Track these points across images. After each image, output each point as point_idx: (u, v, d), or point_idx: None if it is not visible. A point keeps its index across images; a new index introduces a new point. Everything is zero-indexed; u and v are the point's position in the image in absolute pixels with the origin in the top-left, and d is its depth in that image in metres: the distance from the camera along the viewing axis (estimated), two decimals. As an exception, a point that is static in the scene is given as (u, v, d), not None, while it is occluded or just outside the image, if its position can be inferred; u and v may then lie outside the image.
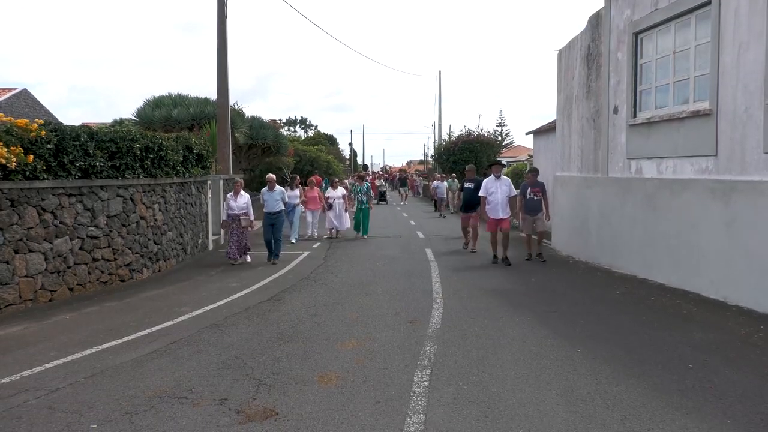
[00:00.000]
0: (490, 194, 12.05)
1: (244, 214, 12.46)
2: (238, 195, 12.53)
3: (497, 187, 12.00)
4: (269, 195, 12.97)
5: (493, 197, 11.98)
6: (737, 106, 8.08)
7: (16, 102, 27.77)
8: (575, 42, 13.64)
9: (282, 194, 13.03)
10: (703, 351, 5.98)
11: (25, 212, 8.46)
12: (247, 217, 12.50)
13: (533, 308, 7.96)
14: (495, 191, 11.98)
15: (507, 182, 12.17)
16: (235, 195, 12.56)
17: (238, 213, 12.43)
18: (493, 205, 11.98)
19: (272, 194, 12.94)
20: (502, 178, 12.18)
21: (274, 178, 13.34)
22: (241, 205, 12.51)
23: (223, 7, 17.25)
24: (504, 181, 12.13)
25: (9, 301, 8.22)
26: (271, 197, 12.92)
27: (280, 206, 12.91)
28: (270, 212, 12.84)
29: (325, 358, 5.86)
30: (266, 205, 12.91)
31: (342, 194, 17.39)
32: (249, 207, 12.56)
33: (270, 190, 13.03)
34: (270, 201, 12.88)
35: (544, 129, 20.68)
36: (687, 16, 9.22)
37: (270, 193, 12.99)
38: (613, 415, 4.43)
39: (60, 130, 9.12)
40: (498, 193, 11.95)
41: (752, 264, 7.72)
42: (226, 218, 12.78)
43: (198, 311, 8.07)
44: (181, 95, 24.74)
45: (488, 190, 12.08)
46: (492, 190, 12.03)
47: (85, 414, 4.56)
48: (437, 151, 38.88)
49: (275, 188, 13.02)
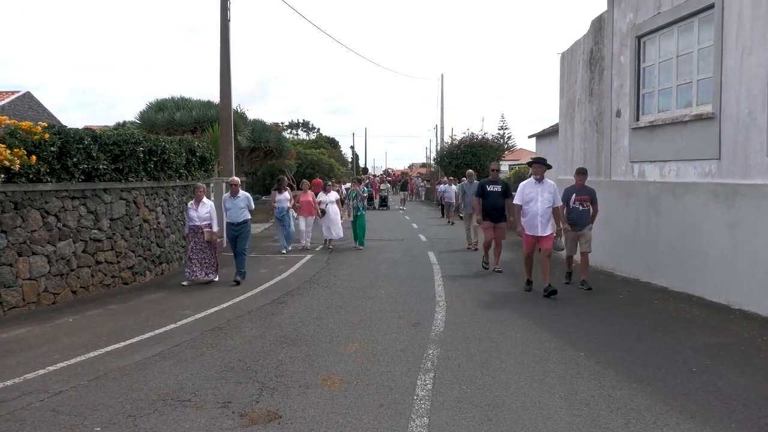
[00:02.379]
0: (528, 202, 9.17)
1: (208, 225, 10.51)
2: (200, 203, 10.55)
3: (538, 193, 9.08)
4: (232, 202, 10.92)
5: (532, 207, 9.10)
6: (740, 110, 8.07)
7: (20, 105, 27.83)
8: (578, 45, 13.65)
9: (247, 201, 11.02)
10: (706, 355, 5.97)
11: (28, 215, 8.47)
12: (211, 229, 10.51)
13: (536, 312, 7.95)
14: (535, 198, 9.08)
15: (552, 188, 9.21)
16: (196, 203, 10.57)
17: (201, 224, 10.52)
18: (531, 216, 9.14)
19: (235, 201, 10.90)
20: (545, 181, 9.21)
21: (239, 182, 11.33)
22: (204, 215, 10.51)
23: (225, 9, 17.27)
24: (548, 186, 9.18)
25: (12, 303, 8.23)
26: (234, 205, 10.88)
27: (245, 215, 10.88)
28: (233, 223, 10.85)
29: (328, 361, 5.86)
30: (228, 214, 10.92)
31: (335, 199, 15.74)
32: (213, 217, 10.56)
33: (232, 196, 10.97)
34: (233, 209, 10.86)
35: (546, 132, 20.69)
36: (690, 20, 9.22)
37: (233, 200, 10.93)
38: (616, 419, 4.42)
39: (63, 132, 9.14)
40: (539, 201, 9.05)
41: (755, 267, 7.71)
42: (188, 231, 10.76)
43: (201, 314, 8.07)
44: (184, 98, 24.74)
45: (526, 196, 9.19)
46: (531, 196, 9.13)
47: (88, 417, 4.56)
48: (439, 154, 38.85)
49: (239, 194, 10.99)
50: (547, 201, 9.06)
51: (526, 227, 9.20)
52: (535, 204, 9.09)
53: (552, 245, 9.09)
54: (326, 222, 15.46)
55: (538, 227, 9.06)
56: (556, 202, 9.22)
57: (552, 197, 9.12)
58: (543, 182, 9.16)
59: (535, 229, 9.07)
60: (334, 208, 15.54)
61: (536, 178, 9.18)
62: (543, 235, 9.06)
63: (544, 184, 9.15)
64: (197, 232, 10.49)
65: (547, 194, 9.10)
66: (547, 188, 9.13)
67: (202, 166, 13.98)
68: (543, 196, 9.07)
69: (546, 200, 9.05)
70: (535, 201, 9.08)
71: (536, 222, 9.06)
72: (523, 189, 9.30)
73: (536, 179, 9.17)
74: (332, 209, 15.51)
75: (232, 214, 10.86)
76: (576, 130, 13.74)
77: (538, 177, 9.17)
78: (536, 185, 9.14)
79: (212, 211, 10.57)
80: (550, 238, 9.09)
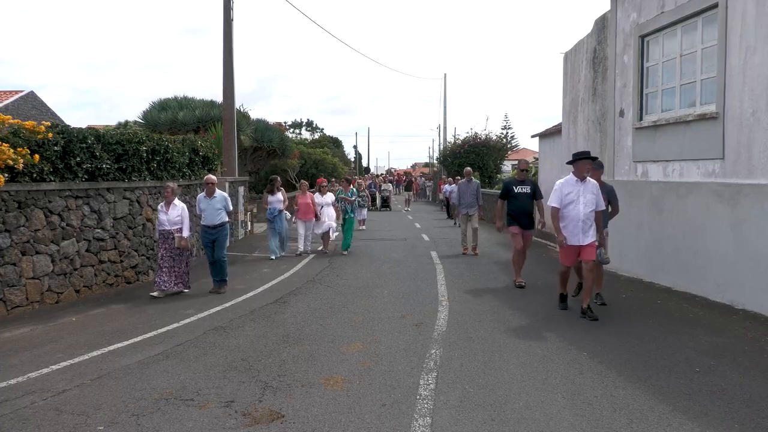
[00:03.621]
0: (568, 205, 7.70)
1: (179, 230, 9.47)
2: (170, 205, 9.45)
3: (580, 193, 7.67)
4: (207, 203, 9.81)
5: (572, 210, 7.65)
6: (744, 110, 8.06)
7: (23, 104, 27.91)
8: (581, 45, 13.64)
9: (225, 201, 9.90)
10: (709, 355, 5.96)
11: (32, 214, 8.50)
12: (182, 234, 9.50)
13: (539, 311, 7.94)
14: (575, 200, 7.65)
15: (594, 187, 7.76)
16: (166, 205, 9.48)
17: (171, 228, 9.47)
18: (571, 222, 7.66)
19: (211, 202, 9.80)
20: (588, 181, 7.77)
21: (215, 181, 10.03)
22: (174, 219, 9.43)
23: (229, 9, 17.30)
24: (590, 185, 7.73)
25: (16, 302, 8.25)
26: (209, 206, 9.79)
27: (222, 217, 9.83)
28: (209, 225, 9.81)
29: (331, 361, 5.86)
30: (204, 217, 9.88)
31: (331, 201, 14.64)
32: (185, 221, 9.50)
33: (208, 196, 9.84)
34: (209, 211, 9.79)
35: (549, 132, 20.65)
36: (693, 19, 9.20)
37: (208, 201, 9.82)
38: (619, 419, 4.41)
39: (67, 132, 9.16)
40: (580, 204, 7.63)
41: (759, 268, 7.69)
42: (158, 236, 9.77)
43: (204, 313, 8.08)
44: (187, 98, 24.80)
45: (565, 197, 7.72)
46: (571, 198, 7.68)
47: (91, 416, 4.57)
48: (442, 154, 38.81)
49: (215, 194, 9.87)
50: (591, 203, 7.65)
51: (566, 235, 7.72)
52: (576, 207, 7.64)
53: (595, 254, 7.71)
54: (318, 225, 14.43)
55: (580, 234, 7.63)
56: (599, 205, 7.77)
57: (595, 199, 7.71)
58: (587, 182, 7.74)
59: (576, 236, 7.64)
60: (330, 212, 14.51)
61: (579, 177, 7.70)
62: (585, 244, 7.64)
63: (588, 185, 7.73)
64: (167, 237, 9.46)
65: (590, 195, 7.68)
66: (589, 188, 7.71)
67: (206, 165, 14.01)
68: (585, 197, 7.65)
69: (589, 202, 7.65)
70: (576, 203, 7.64)
71: (577, 228, 7.63)
72: (561, 189, 7.76)
73: (579, 178, 7.71)
74: (328, 213, 14.48)
75: (207, 216, 9.80)
76: (579, 129, 13.72)
77: (583, 176, 7.70)
78: (577, 184, 7.70)
79: (184, 214, 9.50)
80: (592, 247, 7.67)
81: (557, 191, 7.79)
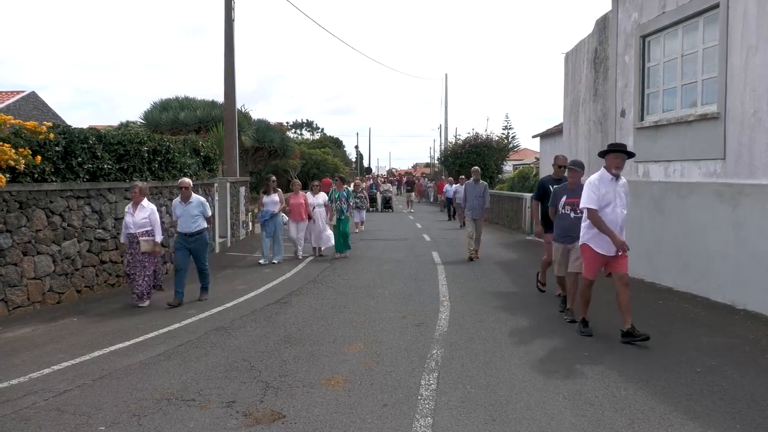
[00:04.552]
0: (605, 207, 6.45)
1: (146, 233, 8.76)
2: (137, 207, 8.76)
3: (616, 193, 6.49)
4: (182, 208, 8.94)
5: (610, 214, 6.44)
6: (745, 110, 8.05)
7: (24, 105, 27.92)
8: (582, 45, 13.64)
9: (202, 207, 8.99)
10: (711, 355, 5.95)
11: (33, 214, 8.50)
12: (151, 238, 8.78)
13: (540, 312, 7.94)
14: (613, 201, 6.46)
15: (626, 186, 6.72)
16: (134, 207, 8.79)
17: (137, 232, 8.76)
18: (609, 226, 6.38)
19: (187, 208, 8.91)
20: (621, 179, 6.63)
21: (190, 184, 9.08)
22: (141, 221, 8.71)
23: (230, 9, 17.32)
24: (623, 184, 6.64)
25: (17, 303, 8.26)
26: (185, 212, 8.92)
27: (200, 224, 8.96)
28: (185, 233, 8.92)
29: (332, 361, 5.86)
30: (180, 224, 9.04)
31: (323, 201, 13.69)
32: (155, 224, 8.81)
33: (183, 201, 8.93)
34: (184, 217, 8.92)
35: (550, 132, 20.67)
36: (695, 19, 9.20)
37: (183, 206, 8.93)
38: (621, 419, 4.41)
39: (68, 132, 9.17)
40: (617, 206, 6.49)
41: (760, 268, 7.68)
42: (124, 240, 9.05)
43: (205, 313, 8.09)
44: (188, 98, 24.85)
45: (602, 198, 6.45)
46: (608, 198, 6.45)
47: (93, 416, 4.58)
48: (444, 154, 38.79)
49: (191, 198, 8.95)
50: (625, 206, 6.60)
51: (597, 243, 6.48)
52: (614, 209, 6.45)
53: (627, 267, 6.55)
54: (314, 229, 13.66)
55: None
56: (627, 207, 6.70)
57: (627, 201, 6.66)
58: (619, 179, 6.59)
59: (610, 244, 6.38)
60: (322, 213, 13.63)
61: (612, 172, 6.49)
62: (617, 256, 6.46)
63: (621, 182, 6.61)
64: (133, 241, 8.80)
65: (624, 195, 6.60)
66: (623, 187, 6.62)
67: (207, 165, 14.02)
68: (621, 198, 6.53)
69: (624, 204, 6.57)
70: (614, 205, 6.46)
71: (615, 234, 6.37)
72: (597, 187, 6.48)
73: (612, 174, 6.50)
74: (321, 213, 13.61)
75: (183, 223, 8.95)
76: (580, 129, 13.72)
77: (616, 172, 6.50)
78: (612, 182, 6.50)
79: (153, 216, 8.79)
80: (625, 258, 6.52)
81: (592, 190, 6.49)
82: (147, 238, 8.75)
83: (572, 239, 7.27)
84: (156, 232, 8.84)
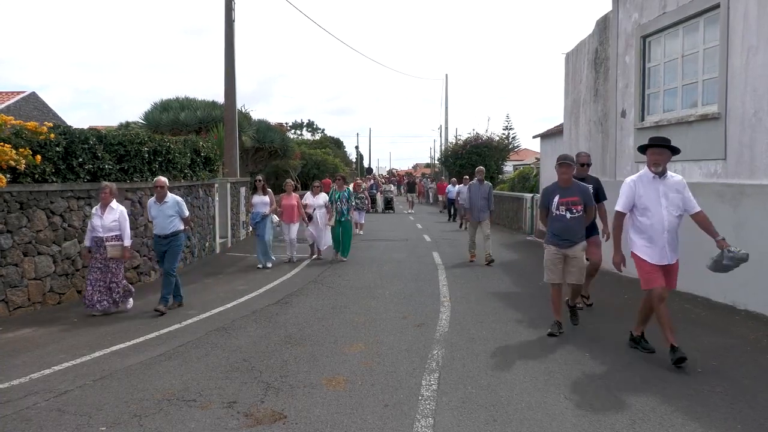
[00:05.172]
0: (645, 212, 5.80)
1: (115, 237, 8.22)
2: (106, 209, 8.22)
3: (659, 193, 5.75)
4: (158, 209, 8.55)
5: (652, 217, 5.75)
6: (746, 110, 8.05)
7: (25, 105, 27.92)
8: (583, 45, 13.63)
9: (178, 207, 8.57)
10: (712, 355, 5.95)
11: (33, 215, 8.50)
12: (119, 243, 8.25)
13: (541, 312, 7.93)
14: (655, 203, 5.75)
15: (680, 184, 5.84)
16: (102, 209, 8.23)
17: (105, 236, 8.18)
18: (651, 233, 5.76)
19: (162, 208, 8.53)
20: (669, 176, 5.84)
21: (166, 184, 8.67)
22: (109, 224, 8.17)
23: (230, 10, 17.32)
24: (673, 182, 5.82)
25: (18, 303, 8.26)
26: (160, 212, 8.52)
27: (175, 225, 8.54)
28: (160, 235, 8.55)
29: (333, 362, 5.86)
30: (155, 225, 8.66)
31: (324, 202, 13.25)
32: (124, 227, 8.26)
33: (158, 201, 8.57)
34: (159, 218, 8.52)
35: (551, 132, 20.66)
36: (695, 20, 9.19)
37: (159, 207, 8.55)
38: (622, 419, 4.41)
39: (69, 133, 9.18)
40: (663, 207, 5.74)
41: (761, 268, 7.66)
42: (90, 244, 8.31)
43: (206, 314, 8.09)
44: (189, 98, 24.81)
45: (639, 199, 5.82)
46: (648, 201, 5.77)
47: (94, 416, 4.57)
48: (444, 155, 38.77)
49: (167, 198, 8.56)
50: (677, 207, 5.77)
51: (645, 252, 5.80)
52: (657, 212, 5.72)
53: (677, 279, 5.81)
54: (315, 229, 13.36)
55: (666, 249, 5.74)
56: (691, 207, 5.84)
57: (681, 199, 5.79)
58: (666, 177, 5.79)
59: (662, 252, 5.74)
60: (323, 213, 13.21)
61: (653, 170, 5.76)
62: (672, 263, 5.83)
63: (668, 180, 5.79)
64: (100, 245, 8.21)
65: (674, 195, 5.75)
66: (672, 185, 5.78)
67: (207, 166, 14.03)
68: (668, 197, 5.73)
69: (674, 205, 5.75)
70: (657, 207, 5.72)
71: (662, 241, 5.72)
72: (633, 188, 5.83)
73: (653, 171, 5.76)
74: (321, 214, 13.20)
75: (158, 224, 8.56)
76: (581, 130, 13.72)
77: (658, 170, 5.75)
78: (654, 181, 5.77)
79: (122, 219, 8.28)
80: (676, 268, 5.89)
81: (626, 192, 5.88)
82: (115, 243, 8.20)
83: (570, 243, 6.73)
84: (125, 236, 8.28)
